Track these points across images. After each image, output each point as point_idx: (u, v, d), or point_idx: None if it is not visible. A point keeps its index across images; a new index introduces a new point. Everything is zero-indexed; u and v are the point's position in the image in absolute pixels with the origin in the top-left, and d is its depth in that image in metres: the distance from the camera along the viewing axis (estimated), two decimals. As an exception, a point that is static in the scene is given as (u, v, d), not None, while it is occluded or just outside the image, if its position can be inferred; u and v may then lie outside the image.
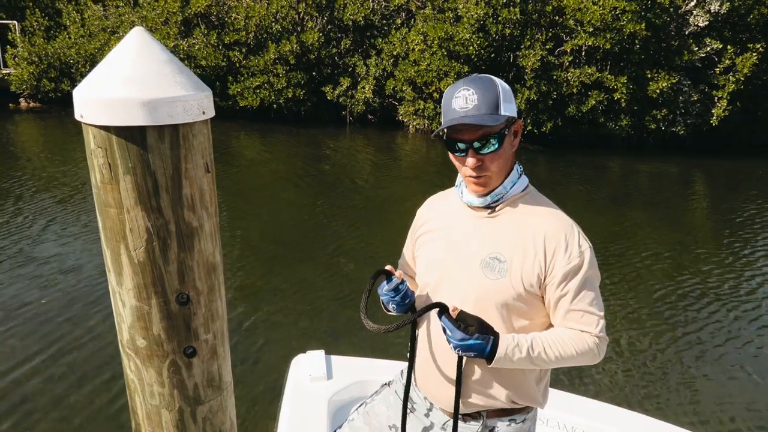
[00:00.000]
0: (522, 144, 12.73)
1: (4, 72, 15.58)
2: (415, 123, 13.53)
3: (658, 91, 12.07)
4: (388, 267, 1.62)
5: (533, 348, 1.47)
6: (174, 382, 1.17)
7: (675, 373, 4.26)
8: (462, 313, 1.47)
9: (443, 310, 1.49)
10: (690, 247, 7.01)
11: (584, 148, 12.63)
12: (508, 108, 1.49)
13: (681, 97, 12.47)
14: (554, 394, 2.58)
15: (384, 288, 1.60)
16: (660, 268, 6.27)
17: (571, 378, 4.10)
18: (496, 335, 1.47)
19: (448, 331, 1.47)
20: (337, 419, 2.28)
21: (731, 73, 12.57)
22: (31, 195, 7.82)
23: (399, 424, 1.74)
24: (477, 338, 1.44)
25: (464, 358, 1.54)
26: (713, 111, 12.66)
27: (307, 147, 12.07)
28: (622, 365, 4.32)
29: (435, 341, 1.63)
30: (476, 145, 1.47)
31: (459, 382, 1.55)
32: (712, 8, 12.33)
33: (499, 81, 1.51)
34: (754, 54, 12.34)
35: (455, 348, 1.46)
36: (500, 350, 1.45)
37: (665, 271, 6.18)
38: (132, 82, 0.97)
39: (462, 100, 1.46)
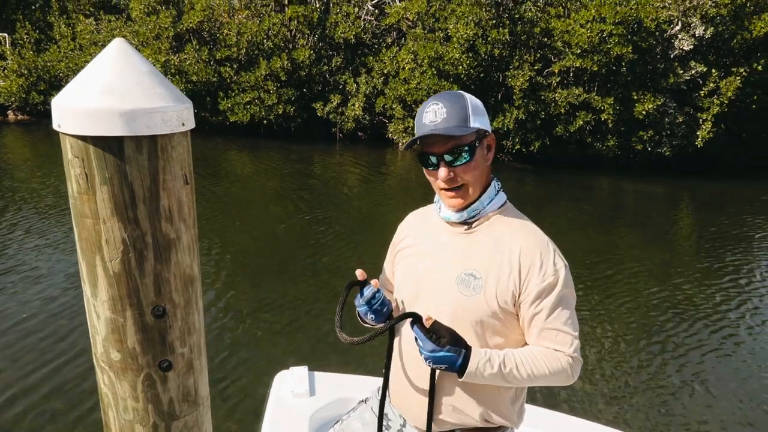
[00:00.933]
0: (510, 163, 12.85)
1: (-8, 84, 15.50)
2: (404, 140, 13.60)
3: (644, 112, 12.25)
4: (359, 272, 1.60)
5: (505, 364, 1.47)
6: (149, 396, 1.15)
7: (657, 392, 4.26)
8: (435, 323, 1.46)
9: (416, 320, 1.47)
10: (674, 267, 7.06)
11: (572, 168, 12.76)
12: (478, 120, 1.51)
13: (667, 119, 12.66)
14: (530, 409, 2.56)
15: (360, 299, 1.59)
16: (644, 287, 6.30)
17: (549, 394, 4.08)
18: (468, 348, 1.46)
19: (419, 341, 1.46)
20: (319, 436, 2.25)
21: (716, 96, 12.79)
22: (12, 207, 7.73)
23: None
24: (448, 350, 1.43)
25: (437, 374, 1.53)
26: (698, 133, 12.85)
27: (296, 163, 12.08)
28: (603, 382, 4.32)
29: (409, 356, 1.61)
30: (447, 158, 1.49)
31: (432, 399, 1.54)
32: (696, 32, 12.58)
33: (468, 96, 1.53)
34: (737, 78, 12.58)
35: (426, 359, 1.45)
36: (471, 364, 1.44)
37: (649, 290, 6.21)
38: (110, 93, 0.97)
39: (431, 114, 1.49)
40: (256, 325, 4.90)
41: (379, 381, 2.46)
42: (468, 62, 12.07)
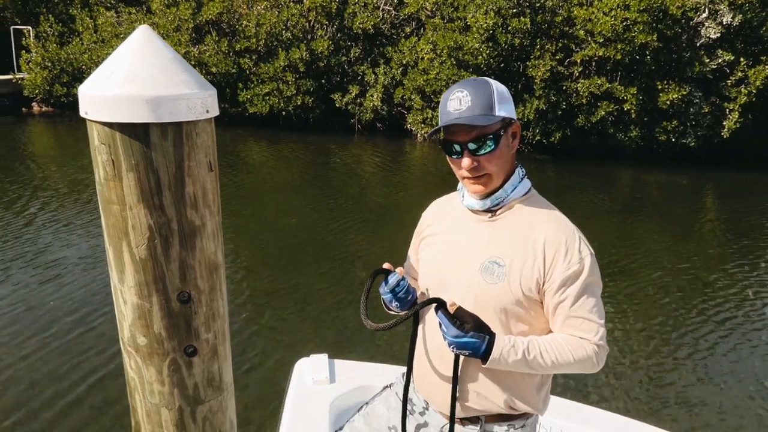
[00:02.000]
0: (530, 154, 12.72)
1: (17, 77, 15.78)
2: (423, 131, 13.55)
3: (668, 102, 12.02)
4: (386, 265, 1.61)
5: (529, 351, 1.46)
6: (174, 380, 1.16)
7: (683, 385, 4.21)
8: (459, 309, 1.46)
9: (441, 305, 1.48)
10: (699, 258, 6.95)
11: (593, 159, 12.59)
12: (504, 109, 1.49)
13: (692, 109, 12.41)
14: (558, 402, 2.55)
15: (384, 287, 1.59)
16: (669, 279, 6.21)
17: (576, 386, 4.06)
18: (492, 335, 1.45)
19: (443, 327, 1.46)
20: (339, 423, 2.27)
21: (743, 86, 12.50)
22: (38, 196, 7.88)
23: (398, 426, 1.73)
24: (472, 336, 1.42)
25: (461, 361, 1.53)
26: (724, 123, 12.58)
27: (315, 154, 12.11)
28: (630, 375, 4.27)
29: (433, 343, 1.61)
30: (471, 146, 1.47)
31: (455, 385, 1.54)
32: (724, 20, 12.29)
33: (494, 82, 1.51)
34: (766, 66, 12.27)
35: (450, 345, 1.45)
36: (495, 351, 1.44)
37: (675, 283, 6.12)
38: (136, 80, 0.97)
39: (456, 101, 1.47)
40: (277, 314, 4.94)
41: (399, 369, 2.48)
42: (488, 52, 11.95)
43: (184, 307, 1.12)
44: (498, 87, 1.50)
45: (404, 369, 1.71)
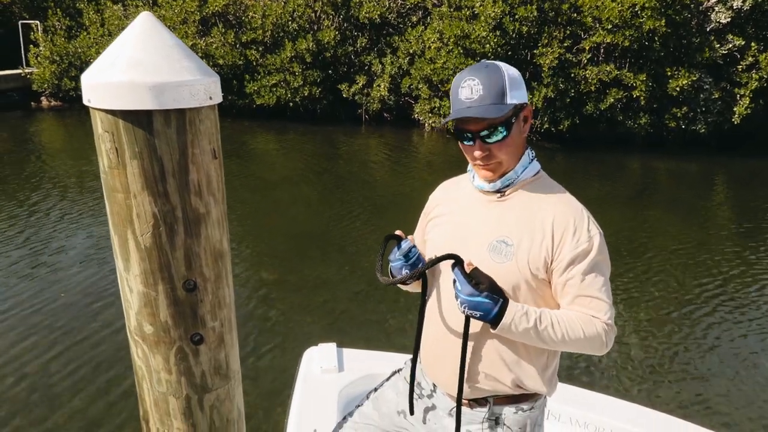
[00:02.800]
0: (539, 142, 12.64)
1: (26, 71, 15.85)
2: (430, 121, 13.49)
3: (678, 88, 11.88)
4: (398, 232, 1.62)
5: (541, 320, 1.44)
6: (181, 369, 1.17)
7: (692, 371, 4.19)
8: (476, 270, 1.45)
9: (458, 262, 1.46)
10: (711, 245, 6.89)
11: (603, 147, 12.49)
12: (516, 95, 1.48)
13: (702, 95, 12.26)
14: (566, 388, 2.55)
15: (395, 254, 1.59)
16: (680, 264, 6.17)
17: (584, 373, 4.05)
18: (505, 299, 1.44)
19: (457, 284, 1.44)
20: (348, 411, 2.28)
21: (754, 71, 12.33)
22: (47, 188, 7.93)
23: (407, 410, 1.73)
24: (486, 296, 1.41)
25: (468, 342, 1.52)
26: (735, 109, 12.42)
27: (322, 145, 12.10)
28: (639, 361, 4.26)
29: (440, 324, 1.61)
30: (483, 134, 1.48)
31: (463, 365, 1.53)
32: (734, 4, 12.10)
33: (506, 68, 1.50)
34: (777, 51, 12.11)
35: (462, 303, 1.43)
36: (507, 315, 1.42)
37: (685, 269, 6.07)
38: (138, 66, 0.97)
39: (467, 90, 1.47)
40: (284, 302, 4.96)
41: (407, 357, 2.49)
42: (495, 40, 11.85)
43: (190, 295, 1.12)
44: (510, 72, 1.49)
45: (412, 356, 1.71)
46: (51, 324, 4.46)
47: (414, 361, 1.70)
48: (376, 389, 1.86)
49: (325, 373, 2.49)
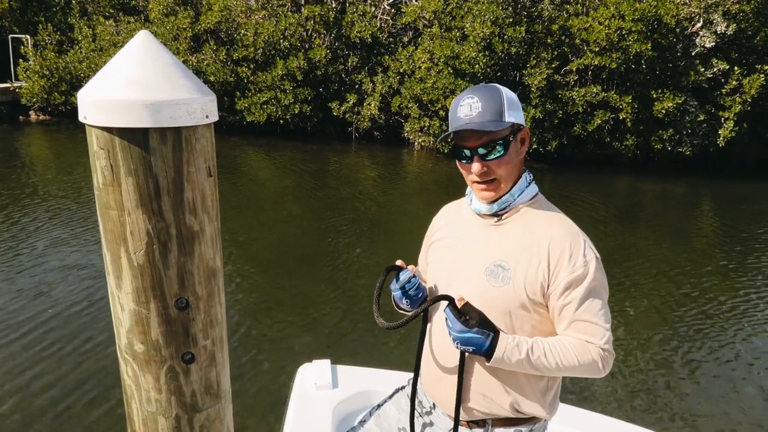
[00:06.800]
0: (527, 162, 12.70)
1: (15, 85, 15.77)
2: (420, 140, 13.57)
3: (664, 111, 12.08)
4: (398, 262, 1.63)
5: (533, 351, 1.45)
6: (171, 388, 1.15)
7: (685, 393, 4.19)
8: (467, 305, 1.47)
9: (451, 302, 1.49)
10: (695, 266, 6.95)
11: (590, 167, 12.62)
12: (513, 115, 1.52)
13: (687, 118, 12.46)
14: (566, 409, 2.54)
15: (395, 284, 1.61)
16: (666, 286, 6.21)
17: (586, 394, 4.04)
18: (496, 332, 1.46)
19: (448, 322, 1.47)
20: (342, 427, 2.27)
21: (738, 94, 12.57)
22: (34, 203, 7.85)
23: (408, 427, 1.74)
24: (476, 332, 1.43)
25: (466, 361, 1.53)
26: (720, 132, 12.63)
27: (313, 162, 12.11)
28: (637, 382, 4.26)
29: (440, 344, 1.62)
30: (481, 151, 1.50)
31: (460, 386, 1.54)
32: (718, 29, 12.37)
33: (504, 89, 1.54)
34: (761, 75, 12.35)
35: (454, 340, 1.46)
36: (499, 348, 1.44)
37: (673, 290, 6.12)
38: (136, 84, 0.97)
39: (466, 107, 1.50)
40: (277, 321, 4.92)
41: (401, 374, 2.48)
42: (484, 61, 12.00)
43: (182, 314, 1.11)
44: (507, 93, 1.53)
45: (406, 375, 1.72)
46: (37, 340, 4.38)
47: (414, 381, 1.71)
48: (379, 405, 1.87)
49: (319, 389, 2.48)
